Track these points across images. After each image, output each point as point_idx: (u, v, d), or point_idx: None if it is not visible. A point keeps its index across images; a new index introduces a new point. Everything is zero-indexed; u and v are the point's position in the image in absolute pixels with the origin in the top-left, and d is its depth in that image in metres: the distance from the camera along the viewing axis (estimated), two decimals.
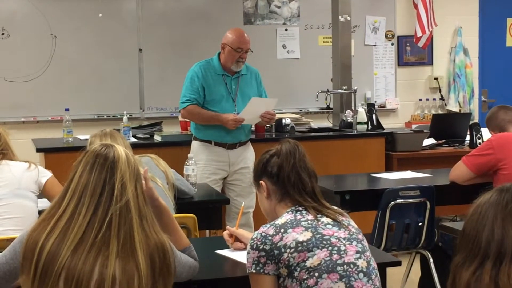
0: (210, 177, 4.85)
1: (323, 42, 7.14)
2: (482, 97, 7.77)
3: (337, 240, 2.34)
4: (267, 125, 5.76)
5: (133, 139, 5.37)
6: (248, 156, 5.03)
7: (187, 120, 5.65)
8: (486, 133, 5.36)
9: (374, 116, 5.91)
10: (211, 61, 4.97)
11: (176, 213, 3.49)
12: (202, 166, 4.79)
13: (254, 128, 5.74)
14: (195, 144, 5.00)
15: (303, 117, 6.22)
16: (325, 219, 2.41)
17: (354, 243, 2.37)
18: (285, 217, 2.41)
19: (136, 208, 2.06)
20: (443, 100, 7.56)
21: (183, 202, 3.75)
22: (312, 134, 5.84)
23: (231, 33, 4.94)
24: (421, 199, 3.96)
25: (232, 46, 4.87)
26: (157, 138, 5.52)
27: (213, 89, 4.89)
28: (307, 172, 2.47)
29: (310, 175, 2.48)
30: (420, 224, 4.00)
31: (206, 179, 4.78)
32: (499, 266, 1.68)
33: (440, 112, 7.50)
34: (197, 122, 5.00)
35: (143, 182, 2.29)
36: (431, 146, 5.79)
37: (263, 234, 2.35)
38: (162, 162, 3.68)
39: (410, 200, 3.95)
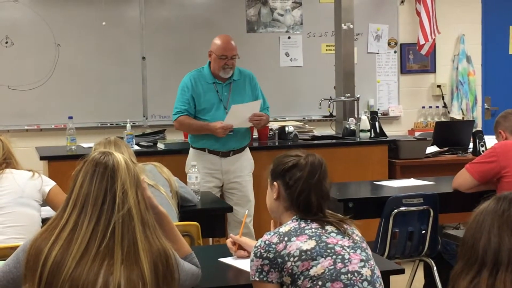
0: (204, 185, 4.82)
1: (326, 50, 7.15)
2: (485, 104, 7.77)
3: (341, 249, 2.34)
4: (270, 132, 5.78)
5: (136, 147, 5.37)
6: (244, 165, 5.00)
7: None
8: (489, 141, 5.36)
9: (377, 123, 5.91)
10: (202, 70, 4.97)
11: (180, 221, 3.49)
12: None
13: (257, 135, 5.75)
14: (191, 152, 5.02)
15: (306, 125, 6.22)
16: (329, 227, 2.41)
17: (358, 251, 2.37)
18: (289, 225, 2.41)
19: (139, 215, 2.06)
20: (446, 107, 7.56)
21: (186, 210, 3.75)
22: (315, 141, 5.84)
23: (216, 40, 4.92)
24: (424, 207, 3.95)
25: (216, 54, 4.86)
26: (161, 146, 5.53)
27: (203, 98, 4.89)
28: (319, 195, 2.45)
29: (322, 197, 2.46)
30: (423, 232, 4.00)
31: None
32: (496, 275, 1.68)
33: (443, 119, 7.49)
34: (189, 133, 5.07)
35: None
36: (434, 154, 5.79)
37: (266, 242, 2.35)
38: (165, 170, 3.69)
39: (414, 208, 3.94)
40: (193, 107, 4.90)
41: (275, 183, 2.52)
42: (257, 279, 2.34)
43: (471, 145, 5.81)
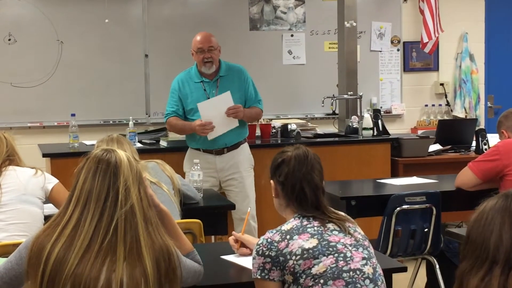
0: None
1: (329, 47, 7.14)
2: (488, 103, 7.76)
3: (343, 247, 2.34)
4: (273, 130, 5.77)
5: (139, 145, 5.37)
6: (240, 160, 4.99)
7: None
8: (492, 139, 5.36)
9: (380, 121, 5.91)
10: (191, 70, 5.01)
11: (182, 218, 3.49)
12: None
13: (260, 133, 5.75)
14: (188, 152, 5.05)
15: (308, 123, 6.22)
16: (331, 226, 2.40)
17: (360, 249, 2.37)
18: (292, 222, 2.41)
19: (141, 212, 2.06)
20: (449, 106, 7.55)
21: (188, 207, 3.75)
22: (318, 139, 5.84)
23: (194, 37, 4.96)
24: (427, 205, 3.95)
25: (193, 49, 4.92)
26: (163, 143, 5.53)
27: (191, 99, 4.91)
28: (312, 186, 2.45)
29: (316, 188, 2.46)
30: (426, 230, 3.99)
31: None
32: (508, 272, 1.68)
33: (446, 118, 7.49)
34: (177, 133, 5.15)
35: None
36: (437, 152, 5.78)
37: (269, 240, 2.35)
38: (168, 167, 3.69)
39: (416, 206, 3.94)
40: (181, 109, 4.95)
41: (271, 181, 2.53)
42: (259, 277, 2.34)
43: (474, 143, 5.80)
